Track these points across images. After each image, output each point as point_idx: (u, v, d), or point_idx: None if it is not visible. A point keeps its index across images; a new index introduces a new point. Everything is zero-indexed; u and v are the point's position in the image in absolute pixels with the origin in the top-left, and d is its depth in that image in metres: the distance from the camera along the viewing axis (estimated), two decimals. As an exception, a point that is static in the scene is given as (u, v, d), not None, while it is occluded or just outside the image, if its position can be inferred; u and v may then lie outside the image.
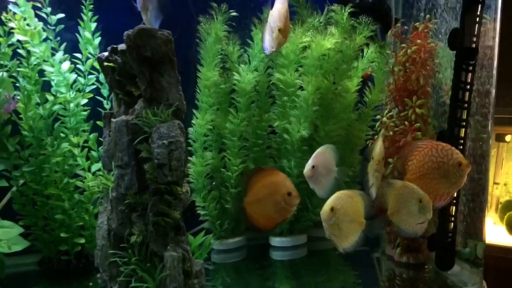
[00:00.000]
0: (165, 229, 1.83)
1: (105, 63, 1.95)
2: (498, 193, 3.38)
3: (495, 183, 3.35)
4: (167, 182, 1.79)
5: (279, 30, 2.02)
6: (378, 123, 2.50)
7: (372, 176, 1.94)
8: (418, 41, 2.31)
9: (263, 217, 2.06)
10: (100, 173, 2.35)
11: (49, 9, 2.39)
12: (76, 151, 2.37)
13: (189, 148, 2.57)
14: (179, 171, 1.81)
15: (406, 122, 2.31)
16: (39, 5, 2.37)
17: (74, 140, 2.35)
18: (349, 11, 2.54)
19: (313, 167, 2.03)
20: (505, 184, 3.40)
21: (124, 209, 1.86)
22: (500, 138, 3.26)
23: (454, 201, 2.15)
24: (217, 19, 2.51)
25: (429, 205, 1.84)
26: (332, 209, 1.81)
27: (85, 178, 2.38)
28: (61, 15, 2.43)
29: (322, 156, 2.06)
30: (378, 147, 1.93)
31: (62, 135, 2.38)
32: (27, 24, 2.24)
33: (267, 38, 2.11)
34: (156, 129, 1.80)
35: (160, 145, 1.77)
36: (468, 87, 2.06)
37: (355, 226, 1.86)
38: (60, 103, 2.36)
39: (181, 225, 1.89)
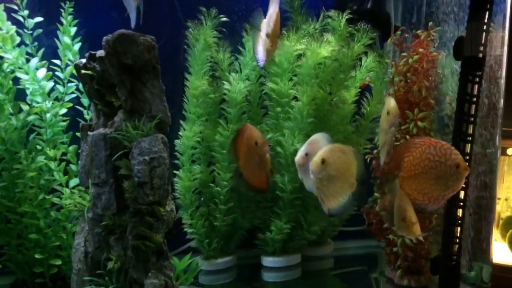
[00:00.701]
0: (146, 254, 1.66)
1: (83, 71, 1.80)
2: (499, 208, 3.25)
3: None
4: (149, 202, 1.63)
5: (266, 35, 1.88)
6: (377, 137, 2.36)
7: (385, 132, 1.82)
8: (420, 49, 2.18)
9: (254, 175, 2.05)
10: (80, 188, 2.18)
11: (26, 12, 2.23)
12: (53, 165, 2.20)
13: (176, 161, 2.42)
14: (162, 190, 1.65)
15: (407, 136, 2.17)
16: (15, 7, 2.21)
17: (51, 153, 2.18)
18: (346, 17, 2.41)
19: (306, 154, 1.88)
20: (506, 199, 3.27)
21: (101, 232, 1.70)
22: (501, 151, 3.14)
23: (459, 221, 2.01)
24: (206, 24, 2.37)
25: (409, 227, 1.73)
26: (323, 161, 1.67)
27: (63, 194, 2.21)
28: (39, 19, 2.27)
29: (317, 144, 1.91)
30: (392, 102, 1.82)
31: (38, 147, 2.22)
32: (-1, 28, 2.09)
33: (260, 49, 1.97)
34: (137, 144, 1.64)
35: (140, 161, 1.61)
36: (474, 99, 1.93)
37: (345, 186, 1.73)
38: (36, 113, 2.19)
39: (164, 249, 1.72)
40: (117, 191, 1.68)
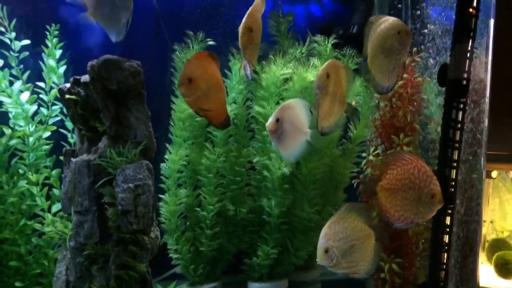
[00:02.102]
0: (129, 284, 1.63)
1: (67, 96, 1.78)
2: (485, 231, 3.26)
3: (481, 220, 3.24)
4: (133, 231, 1.60)
5: (239, 29, 1.86)
6: (364, 162, 2.36)
7: (398, 52, 1.84)
8: (405, 75, 2.20)
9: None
10: (62, 214, 2.13)
11: (13, 34, 2.21)
12: (35, 190, 2.15)
13: (162, 185, 2.38)
14: (146, 218, 1.62)
15: (393, 161, 2.17)
16: (2, 29, 2.19)
17: (33, 178, 2.13)
18: (332, 42, 2.43)
19: (277, 120, 1.81)
20: (491, 222, 3.29)
21: (83, 261, 1.66)
22: (486, 174, 3.17)
23: (446, 247, 2.00)
24: (193, 48, 2.36)
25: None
26: (327, 75, 1.69)
27: (45, 219, 2.16)
28: (26, 42, 2.26)
29: (291, 110, 1.85)
30: (397, 20, 1.83)
31: (20, 171, 2.17)
32: (-20, 51, 2.06)
33: (246, 64, 1.95)
34: (121, 171, 1.62)
35: (125, 189, 1.59)
36: (459, 125, 1.94)
37: (340, 104, 1.79)
38: (19, 137, 2.15)
39: (148, 278, 1.69)
40: (100, 219, 1.65)
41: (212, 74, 1.83)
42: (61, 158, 2.15)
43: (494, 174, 3.16)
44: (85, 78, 1.72)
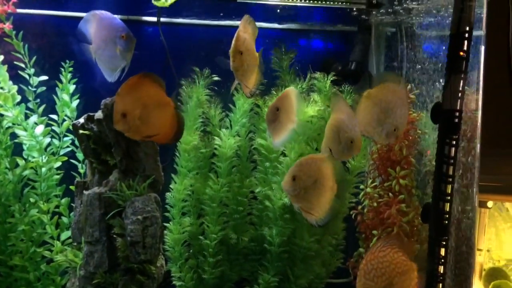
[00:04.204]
0: (136, 313, 1.70)
1: (81, 131, 1.89)
2: (481, 259, 3.31)
3: (478, 249, 3.29)
4: (140, 261, 1.69)
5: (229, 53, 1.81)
6: (362, 193, 2.45)
7: None
8: (401, 111, 2.30)
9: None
10: (70, 241, 2.21)
11: (32, 70, 2.33)
12: (45, 218, 2.23)
13: (166, 214, 2.47)
14: (154, 249, 1.71)
15: (390, 193, 2.26)
16: (22, 65, 2.31)
17: (44, 207, 2.22)
18: (331, 79, 2.54)
19: (277, 109, 1.82)
20: (488, 250, 3.34)
21: (92, 290, 1.73)
22: (481, 204, 3.23)
23: (441, 278, 2.07)
24: (199, 83, 2.48)
25: None
26: None
27: (53, 246, 2.24)
28: (44, 77, 2.38)
29: (288, 99, 1.83)
30: None
31: (31, 200, 2.26)
32: (1, 87, 2.17)
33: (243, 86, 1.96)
34: (131, 203, 1.72)
35: (134, 221, 1.68)
36: (452, 161, 2.03)
37: None
38: (32, 168, 2.25)
39: (154, 307, 1.76)
40: (109, 249, 1.73)
41: (148, 97, 1.71)
42: (71, 187, 2.25)
43: (490, 204, 3.23)
44: (98, 115, 1.83)
